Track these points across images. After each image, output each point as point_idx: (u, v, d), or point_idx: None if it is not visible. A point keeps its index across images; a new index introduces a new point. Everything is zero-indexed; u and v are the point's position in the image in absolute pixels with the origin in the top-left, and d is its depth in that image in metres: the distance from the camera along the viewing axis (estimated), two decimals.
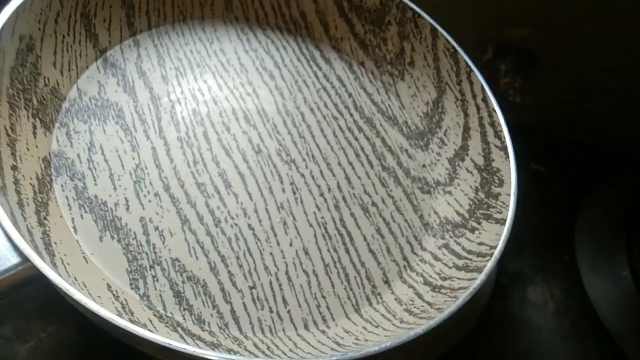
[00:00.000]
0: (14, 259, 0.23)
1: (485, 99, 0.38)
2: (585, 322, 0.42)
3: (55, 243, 0.28)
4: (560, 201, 0.49)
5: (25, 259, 0.24)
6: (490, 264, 0.29)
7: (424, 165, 0.39)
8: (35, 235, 0.27)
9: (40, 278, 0.24)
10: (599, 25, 0.57)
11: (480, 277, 0.29)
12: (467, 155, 0.38)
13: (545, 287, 0.41)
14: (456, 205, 0.36)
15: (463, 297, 0.28)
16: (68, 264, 0.27)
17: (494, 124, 0.37)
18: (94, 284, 0.27)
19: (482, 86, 0.38)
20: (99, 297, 0.27)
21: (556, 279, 0.43)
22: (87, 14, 0.35)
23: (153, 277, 0.29)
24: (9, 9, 0.30)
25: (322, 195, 0.35)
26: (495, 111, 0.37)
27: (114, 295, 0.28)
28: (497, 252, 0.30)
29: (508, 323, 0.39)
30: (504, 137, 0.36)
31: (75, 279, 0.27)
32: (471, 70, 0.39)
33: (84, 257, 0.29)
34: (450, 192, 0.37)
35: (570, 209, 0.48)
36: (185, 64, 0.38)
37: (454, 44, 0.39)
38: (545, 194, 0.48)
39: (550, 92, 0.61)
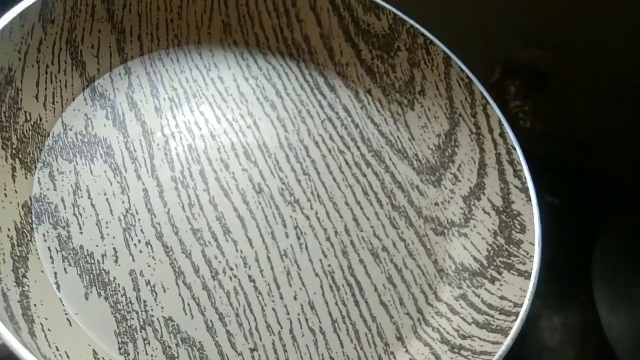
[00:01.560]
0: None
1: (503, 135, 0.35)
2: None
3: (35, 305, 0.25)
4: (576, 233, 0.46)
5: None
6: (516, 327, 0.27)
7: (436, 204, 0.36)
8: (11, 300, 0.24)
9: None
10: (610, 45, 0.54)
11: (507, 343, 0.26)
12: (484, 194, 0.35)
13: (564, 331, 0.39)
14: (473, 250, 0.34)
15: None
16: (49, 330, 0.24)
17: (513, 162, 0.34)
18: (78, 353, 0.24)
19: (499, 121, 0.35)
20: None
21: (574, 321, 0.40)
22: (74, 40, 0.32)
23: (144, 340, 0.26)
24: None
25: (328, 239, 0.32)
26: (514, 148, 0.34)
27: None
28: (522, 313, 0.27)
29: None
30: (525, 178, 0.33)
31: (57, 349, 0.24)
32: (487, 102, 0.36)
33: (67, 319, 0.26)
34: (466, 235, 0.35)
35: (587, 241, 0.45)
36: (181, 94, 0.35)
37: (469, 73, 0.37)
38: (560, 227, 0.46)
39: (562, 116, 0.58)
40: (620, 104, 0.56)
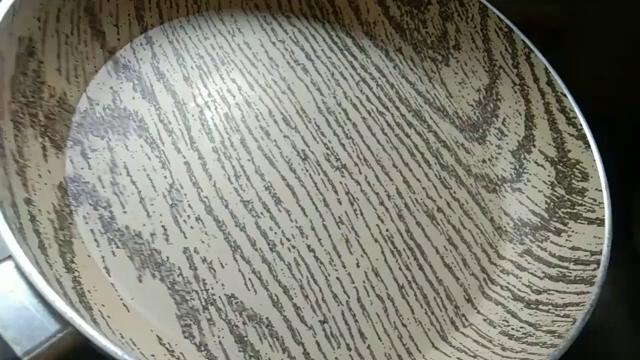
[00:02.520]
0: (52, 327, 0.18)
1: (551, 82, 0.33)
2: None
3: (89, 292, 0.23)
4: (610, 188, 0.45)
5: (65, 323, 0.18)
6: (600, 274, 0.25)
7: (484, 161, 0.34)
8: (66, 287, 0.21)
9: (82, 346, 0.19)
10: None
11: (595, 291, 0.25)
12: (534, 146, 0.34)
13: (614, 284, 0.37)
14: (530, 204, 0.32)
15: (581, 315, 0.24)
16: (109, 317, 0.22)
17: (564, 110, 0.33)
18: (143, 340, 0.22)
19: (545, 68, 0.34)
20: (152, 356, 0.22)
21: (621, 273, 0.39)
22: (92, 8, 0.30)
23: (208, 320, 0.24)
24: (4, 5, 0.24)
25: (382, 204, 0.30)
26: (565, 95, 0.33)
27: (167, 349, 0.23)
28: (604, 259, 0.26)
29: None
30: (580, 124, 0.32)
31: (122, 337, 0.21)
32: (531, 50, 0.34)
33: (123, 304, 0.23)
34: (520, 189, 0.33)
35: (624, 195, 0.44)
36: (208, 62, 0.32)
37: (508, 22, 0.35)
38: None
39: (578, 72, 0.57)
40: (638, 56, 0.54)
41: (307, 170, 0.30)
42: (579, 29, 0.57)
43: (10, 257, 0.20)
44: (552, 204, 0.31)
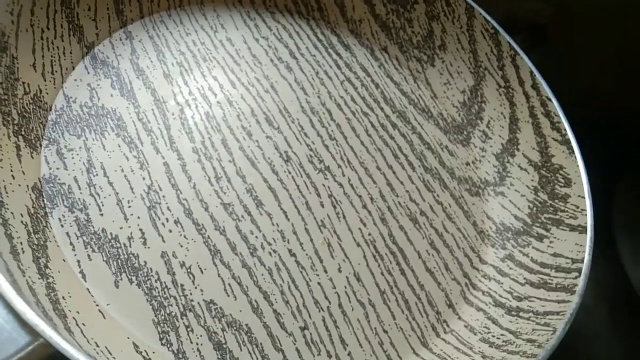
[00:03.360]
0: (22, 338, 0.17)
1: (536, 86, 0.33)
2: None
3: (64, 298, 0.22)
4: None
5: (35, 335, 0.18)
6: (581, 283, 0.25)
7: (467, 163, 0.34)
8: (39, 294, 0.21)
9: (54, 358, 0.18)
10: None
11: (575, 300, 0.25)
12: (518, 150, 0.34)
13: (595, 286, 0.38)
14: (512, 208, 0.32)
15: (561, 325, 0.24)
16: (83, 324, 0.21)
17: (549, 114, 0.33)
18: (119, 347, 0.22)
19: (531, 71, 0.33)
20: None
21: (602, 275, 0.39)
22: (69, 1, 0.29)
23: (186, 327, 0.24)
24: None
25: (365, 207, 0.30)
26: (549, 99, 0.33)
27: (144, 357, 0.22)
28: (585, 267, 0.26)
29: None
30: (565, 130, 0.32)
31: (97, 345, 0.21)
32: (516, 53, 0.34)
33: (99, 310, 0.23)
34: (503, 193, 0.33)
35: (602, 197, 0.44)
36: (190, 58, 0.32)
37: (495, 24, 0.35)
38: None
39: (564, 70, 0.57)
40: (623, 55, 0.55)
41: (289, 172, 0.29)
42: (565, 25, 0.57)
43: None
44: (534, 209, 0.31)
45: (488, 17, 0.35)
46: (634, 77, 0.55)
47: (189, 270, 0.25)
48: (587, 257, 0.26)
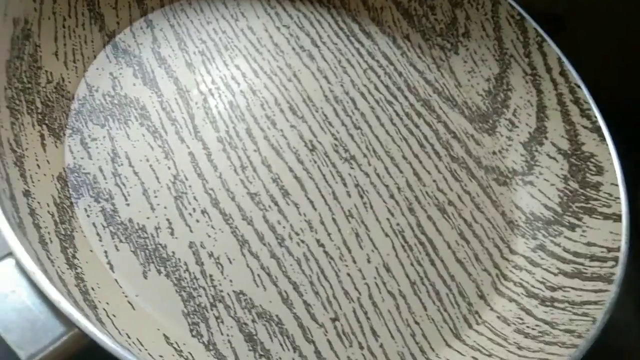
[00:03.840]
0: (56, 328, 0.17)
1: (564, 73, 0.32)
2: None
3: (93, 289, 0.21)
4: None
5: (70, 325, 0.17)
6: (619, 271, 0.25)
7: (494, 152, 0.34)
8: (69, 284, 0.20)
9: (88, 348, 0.18)
10: None
11: (613, 290, 0.24)
12: (546, 138, 0.33)
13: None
14: (542, 197, 0.31)
15: (601, 315, 0.23)
16: (114, 315, 0.21)
17: (578, 102, 0.32)
18: (150, 339, 0.21)
19: (558, 58, 0.33)
20: (161, 357, 0.21)
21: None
22: None
23: (216, 318, 0.23)
24: None
25: (392, 197, 0.29)
26: (579, 86, 0.32)
27: (175, 349, 0.22)
28: (622, 256, 0.25)
29: None
30: (595, 117, 0.31)
31: (128, 337, 0.20)
32: (543, 39, 0.33)
33: (128, 302, 0.22)
34: (531, 182, 0.32)
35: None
36: (211, 47, 0.31)
37: (520, 10, 0.34)
38: None
39: (578, 60, 0.56)
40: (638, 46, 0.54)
41: (315, 162, 0.29)
42: (582, 15, 0.56)
43: (9, 254, 0.19)
44: (565, 198, 0.31)
45: (513, 3, 0.34)
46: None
47: (217, 260, 0.24)
48: (623, 245, 0.26)
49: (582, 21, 0.57)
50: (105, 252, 0.23)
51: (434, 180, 0.31)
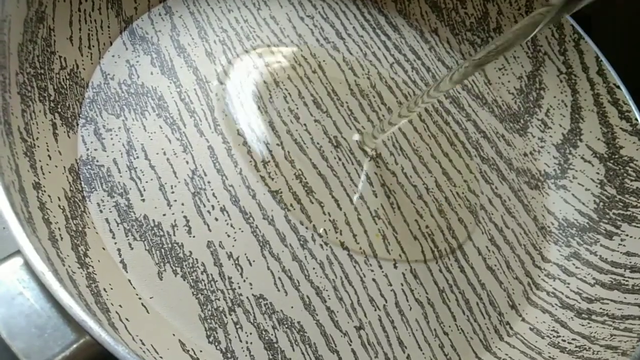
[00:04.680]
0: (67, 335, 0.16)
1: (602, 72, 0.31)
2: None
3: (105, 290, 0.20)
4: None
5: (81, 332, 0.16)
6: None
7: (525, 154, 0.32)
8: (80, 285, 0.19)
9: (100, 356, 0.16)
10: None
11: None
12: (581, 141, 0.31)
13: None
14: (576, 203, 0.30)
15: None
16: (127, 319, 0.20)
17: (617, 103, 0.30)
18: (165, 346, 0.20)
19: (596, 56, 0.31)
20: None
21: None
22: None
23: (235, 323, 0.22)
24: None
25: (420, 197, 0.28)
26: (618, 87, 0.30)
27: (192, 357, 0.20)
28: None
29: None
30: (636, 119, 0.29)
31: (143, 343, 0.19)
32: (580, 37, 0.32)
33: (142, 304, 0.21)
34: (564, 187, 0.31)
35: None
36: (232, 36, 0.29)
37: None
38: None
39: (616, 61, 0.54)
40: None
41: (339, 159, 0.27)
42: (611, 16, 0.54)
43: (17, 252, 0.17)
44: (601, 204, 0.29)
45: None
46: None
47: (236, 261, 0.23)
48: None
49: (610, 22, 0.55)
50: (119, 250, 0.22)
51: (465, 181, 0.29)
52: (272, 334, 0.22)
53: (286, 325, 0.22)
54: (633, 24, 0.53)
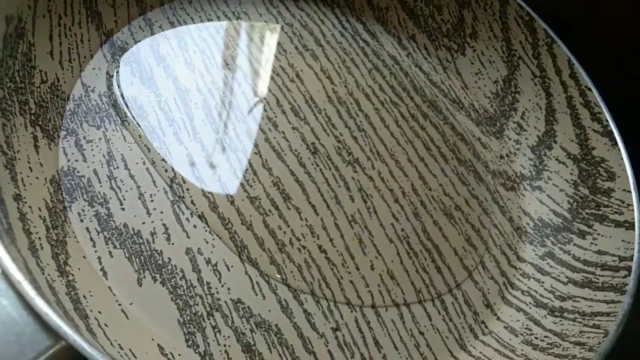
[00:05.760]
0: (43, 342, 0.16)
1: (574, 75, 0.32)
2: None
3: (85, 297, 0.21)
4: None
5: (57, 338, 0.17)
6: (632, 281, 0.24)
7: (501, 156, 0.33)
8: (59, 293, 0.19)
9: None
10: None
11: (626, 300, 0.23)
12: (555, 142, 0.32)
13: None
14: (551, 203, 0.31)
15: (613, 327, 0.22)
16: (106, 325, 0.20)
17: (589, 105, 0.31)
18: (143, 350, 0.20)
19: (569, 60, 0.32)
20: None
21: None
22: None
23: (213, 327, 0.22)
24: None
25: (397, 201, 0.28)
26: (589, 89, 0.31)
27: None
28: (635, 266, 0.24)
29: None
30: (607, 120, 0.30)
31: (121, 348, 0.20)
32: (553, 41, 0.32)
33: (122, 310, 0.22)
34: (540, 188, 0.31)
35: None
36: (212, 45, 0.30)
37: (529, 10, 0.33)
38: None
39: (589, 66, 0.55)
40: None
41: (317, 165, 0.28)
42: (593, 20, 0.55)
43: None
44: (575, 204, 0.30)
45: (522, 4, 0.33)
46: None
47: (215, 267, 0.24)
48: (636, 254, 0.25)
49: (590, 25, 0.56)
50: (99, 258, 0.22)
51: (441, 184, 0.30)
52: (249, 337, 0.23)
53: (264, 328, 0.23)
54: (615, 26, 0.54)
